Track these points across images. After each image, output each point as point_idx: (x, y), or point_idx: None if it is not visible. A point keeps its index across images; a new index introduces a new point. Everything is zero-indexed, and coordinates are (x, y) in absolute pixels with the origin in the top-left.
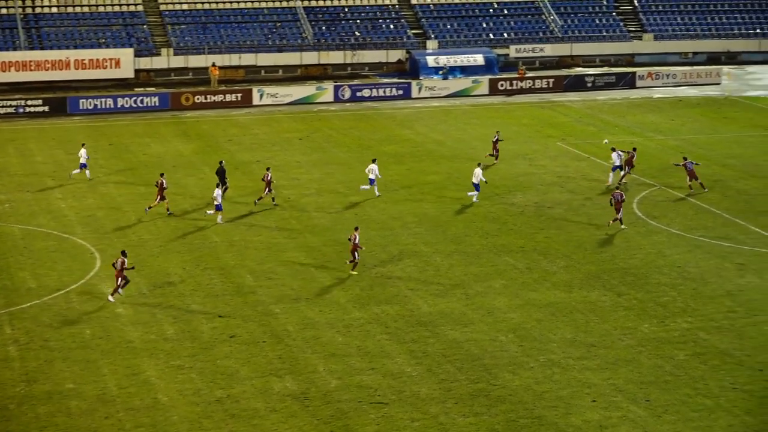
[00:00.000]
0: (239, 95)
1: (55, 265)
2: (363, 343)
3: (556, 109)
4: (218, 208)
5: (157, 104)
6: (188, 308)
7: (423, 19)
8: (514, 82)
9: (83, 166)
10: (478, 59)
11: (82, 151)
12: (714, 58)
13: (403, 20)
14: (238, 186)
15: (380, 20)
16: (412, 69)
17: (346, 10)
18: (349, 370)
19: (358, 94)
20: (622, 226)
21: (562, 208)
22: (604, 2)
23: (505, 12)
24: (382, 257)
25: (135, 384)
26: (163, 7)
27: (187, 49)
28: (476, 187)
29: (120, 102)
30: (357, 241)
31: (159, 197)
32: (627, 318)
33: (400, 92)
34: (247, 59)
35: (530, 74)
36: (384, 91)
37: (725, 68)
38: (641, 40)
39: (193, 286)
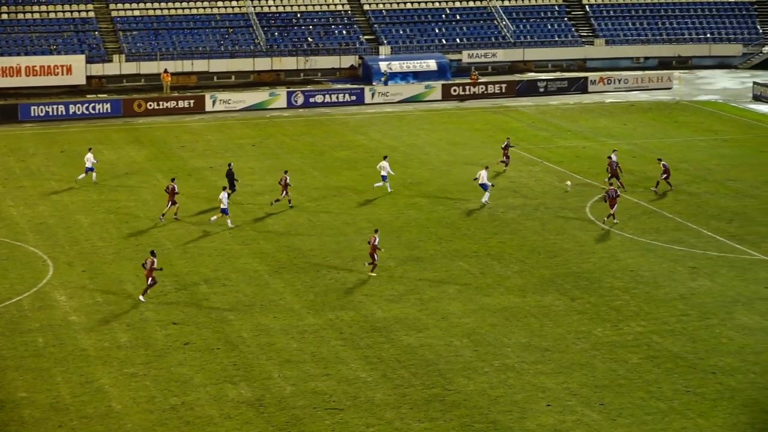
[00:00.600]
0: (192, 101)
1: (7, 273)
2: (318, 349)
3: (509, 114)
4: (224, 211)
5: (109, 111)
6: (142, 315)
7: (375, 25)
8: (467, 87)
9: (89, 170)
10: (431, 65)
11: (89, 155)
12: (665, 63)
13: (355, 26)
14: (191, 193)
15: (333, 26)
16: (365, 75)
17: (299, 16)
18: (304, 377)
19: (311, 100)
20: (615, 221)
21: (515, 213)
22: (556, 7)
23: (458, 17)
24: (336, 263)
25: (88, 392)
26: (114, 14)
27: (139, 56)
28: (484, 187)
29: (72, 109)
30: (377, 243)
31: (170, 202)
32: (581, 322)
33: (353, 98)
34: (200, 65)
35: (483, 79)
36: (337, 97)
37: (676, 73)
38: (593, 45)
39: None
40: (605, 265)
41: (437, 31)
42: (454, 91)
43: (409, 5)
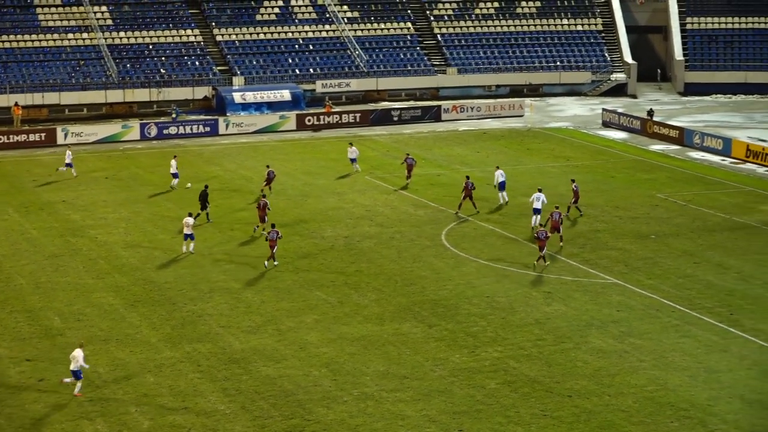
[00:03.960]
0: (43, 135)
1: None
2: (175, 382)
3: (363, 143)
4: (189, 236)
5: None
6: None
7: (229, 56)
8: (321, 117)
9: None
10: (285, 95)
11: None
12: (516, 91)
13: (208, 57)
14: (44, 227)
15: (185, 57)
16: (219, 106)
17: (151, 47)
18: (162, 410)
19: (165, 131)
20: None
21: (371, 242)
22: (408, 37)
23: (311, 47)
24: (193, 295)
25: None
26: None
27: None
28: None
29: None
30: (280, 237)
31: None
32: (438, 349)
33: (207, 129)
34: (51, 98)
35: (337, 109)
36: (191, 128)
37: (527, 100)
38: (445, 73)
39: None
40: (462, 292)
41: (291, 61)
42: (309, 121)
43: (262, 36)
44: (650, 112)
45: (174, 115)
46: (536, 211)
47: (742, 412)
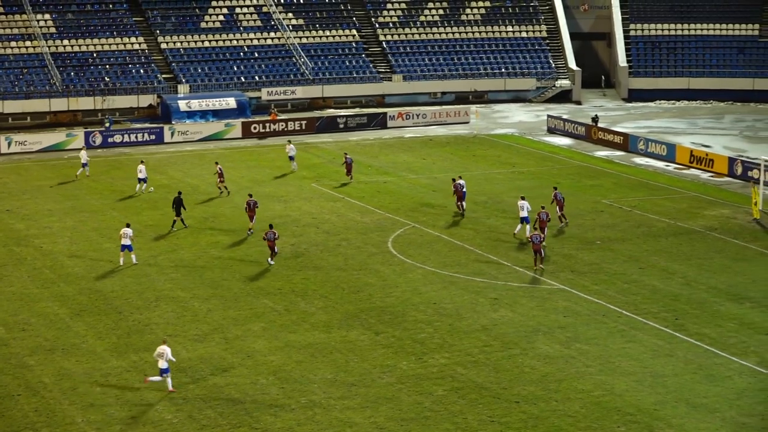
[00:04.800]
0: None
1: None
2: (122, 392)
3: (309, 150)
4: (127, 248)
5: None
6: None
7: (174, 64)
8: (267, 124)
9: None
10: (231, 102)
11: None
12: (462, 98)
13: (153, 65)
14: None
15: (130, 65)
16: (164, 114)
17: (95, 55)
18: (109, 420)
19: (110, 140)
20: (544, 244)
21: (318, 249)
22: (354, 44)
23: (256, 55)
24: (139, 304)
25: None
26: None
27: None
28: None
29: None
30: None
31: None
32: (386, 356)
33: (153, 137)
34: None
35: (282, 116)
36: (136, 137)
37: (473, 107)
38: (391, 81)
39: None
40: (408, 299)
41: (236, 68)
42: (254, 128)
43: (207, 43)
44: (595, 119)
45: (107, 125)
46: (524, 220)
47: (688, 416)
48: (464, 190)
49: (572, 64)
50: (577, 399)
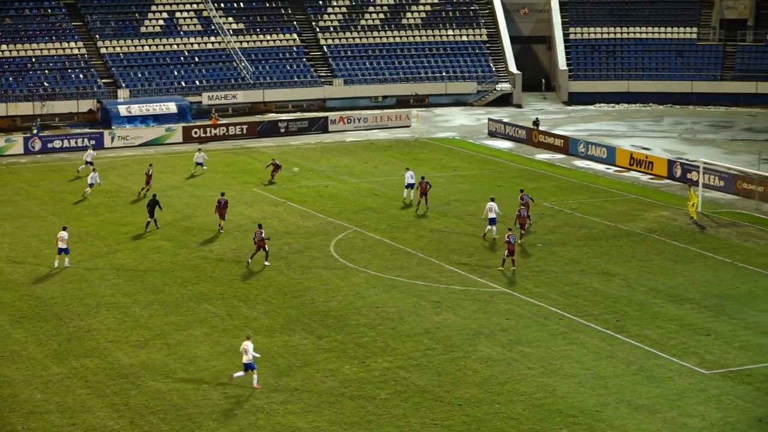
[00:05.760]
0: None
1: None
2: (63, 398)
3: (250, 155)
4: (63, 251)
5: None
6: None
7: (113, 69)
8: (208, 129)
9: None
10: (171, 107)
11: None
12: (403, 102)
13: (92, 69)
14: None
15: (69, 70)
16: (104, 119)
17: (34, 60)
18: (49, 427)
19: (49, 145)
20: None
21: (260, 254)
22: (294, 48)
23: (197, 59)
24: (80, 310)
25: None
26: None
27: None
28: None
29: None
30: (263, 236)
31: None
32: (329, 360)
33: (93, 142)
34: None
35: (223, 121)
36: (76, 142)
37: (414, 111)
38: (332, 85)
39: None
40: (351, 303)
41: (176, 73)
42: (195, 133)
43: (146, 48)
44: (535, 122)
45: (35, 131)
46: (492, 221)
47: (629, 417)
48: (429, 187)
49: (513, 67)
50: (520, 401)
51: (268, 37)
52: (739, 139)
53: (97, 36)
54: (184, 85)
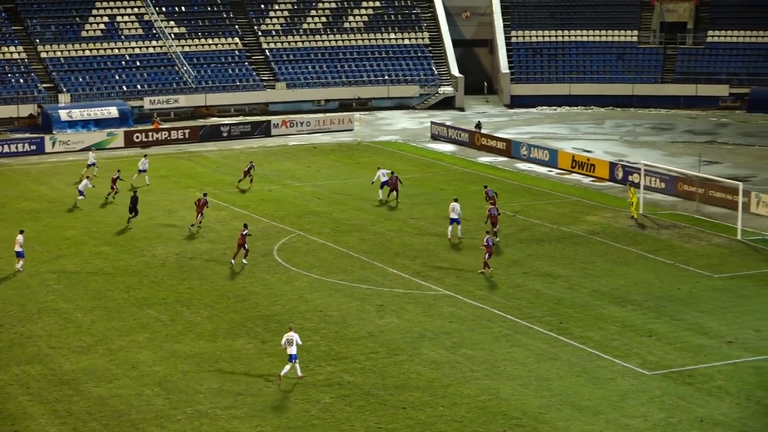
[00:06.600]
0: None
1: None
2: (4, 406)
3: (193, 159)
4: (19, 254)
5: None
6: None
7: (54, 73)
8: (150, 133)
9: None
10: (113, 112)
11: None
12: (346, 105)
13: (33, 74)
14: None
15: (9, 74)
16: (45, 123)
17: None
18: None
19: None
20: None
21: (203, 259)
22: (236, 52)
23: (138, 64)
24: (21, 316)
25: None
26: None
27: None
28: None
29: None
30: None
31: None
32: (272, 365)
33: (33, 147)
34: None
35: (166, 125)
36: (16, 147)
37: (357, 114)
38: (275, 89)
39: None
40: (294, 307)
41: (118, 77)
42: (137, 137)
43: (87, 52)
44: (478, 125)
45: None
46: (453, 221)
47: (573, 419)
48: (399, 182)
49: (455, 70)
50: (464, 404)
51: (210, 41)
52: (680, 142)
53: (38, 40)
54: (125, 89)
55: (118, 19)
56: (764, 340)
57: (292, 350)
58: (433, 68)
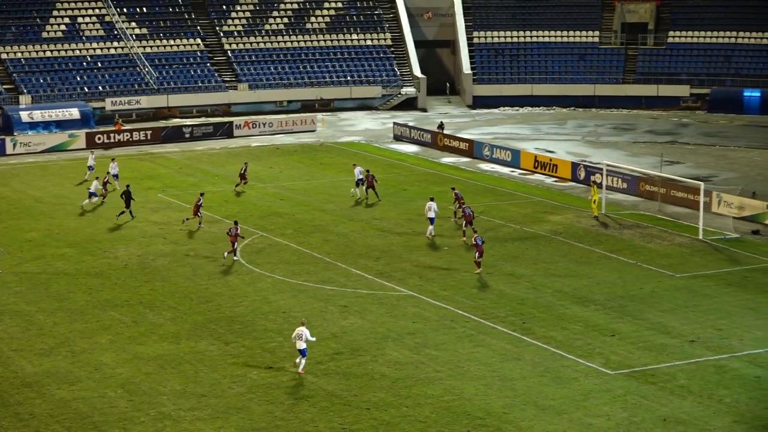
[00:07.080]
0: None
1: None
2: None
3: (155, 160)
4: None
5: None
6: None
7: (14, 74)
8: (112, 135)
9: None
10: (74, 113)
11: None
12: (308, 106)
13: None
14: None
15: None
16: (6, 125)
17: None
18: None
19: None
20: (475, 236)
21: (166, 260)
22: (198, 53)
23: (99, 65)
24: None
25: None
26: None
27: None
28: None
29: None
30: (238, 232)
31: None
32: (236, 366)
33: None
34: None
35: (127, 127)
36: None
37: (319, 115)
38: (237, 90)
39: None
40: (258, 308)
41: (79, 78)
42: (99, 139)
43: (48, 53)
44: (440, 125)
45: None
46: (431, 221)
47: (536, 418)
48: (375, 179)
49: (417, 71)
50: (428, 404)
51: (172, 42)
52: (642, 142)
53: None
54: (87, 90)
55: (80, 20)
56: (726, 339)
57: (302, 345)
58: (396, 69)
